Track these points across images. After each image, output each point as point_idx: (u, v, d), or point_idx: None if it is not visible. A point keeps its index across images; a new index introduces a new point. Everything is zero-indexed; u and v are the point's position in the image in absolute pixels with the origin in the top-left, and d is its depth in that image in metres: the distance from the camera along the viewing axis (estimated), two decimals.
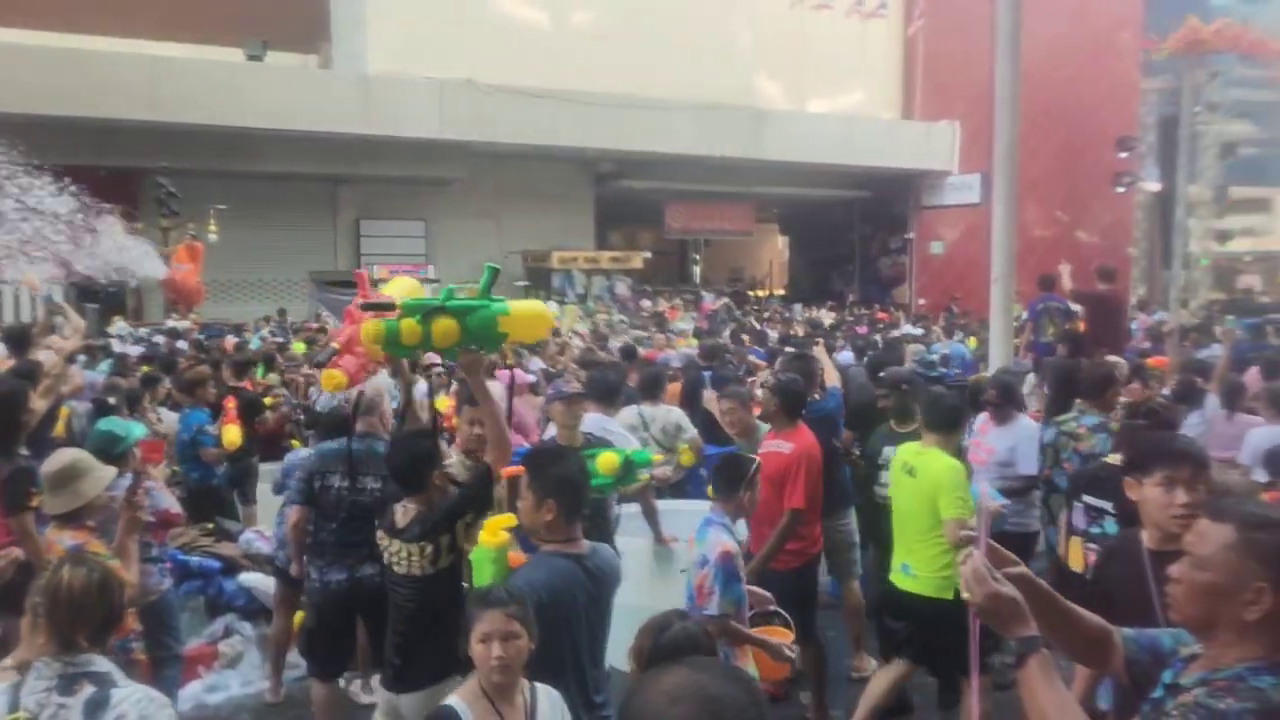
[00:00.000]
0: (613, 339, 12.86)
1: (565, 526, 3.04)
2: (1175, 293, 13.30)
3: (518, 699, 2.79)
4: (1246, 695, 1.72)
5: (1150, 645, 2.04)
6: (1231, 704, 1.72)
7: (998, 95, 6.95)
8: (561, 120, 19.94)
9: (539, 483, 3.05)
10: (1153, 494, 2.94)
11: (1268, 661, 1.76)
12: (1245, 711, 1.71)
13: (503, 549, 3.22)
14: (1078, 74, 24.90)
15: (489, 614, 2.74)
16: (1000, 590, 1.90)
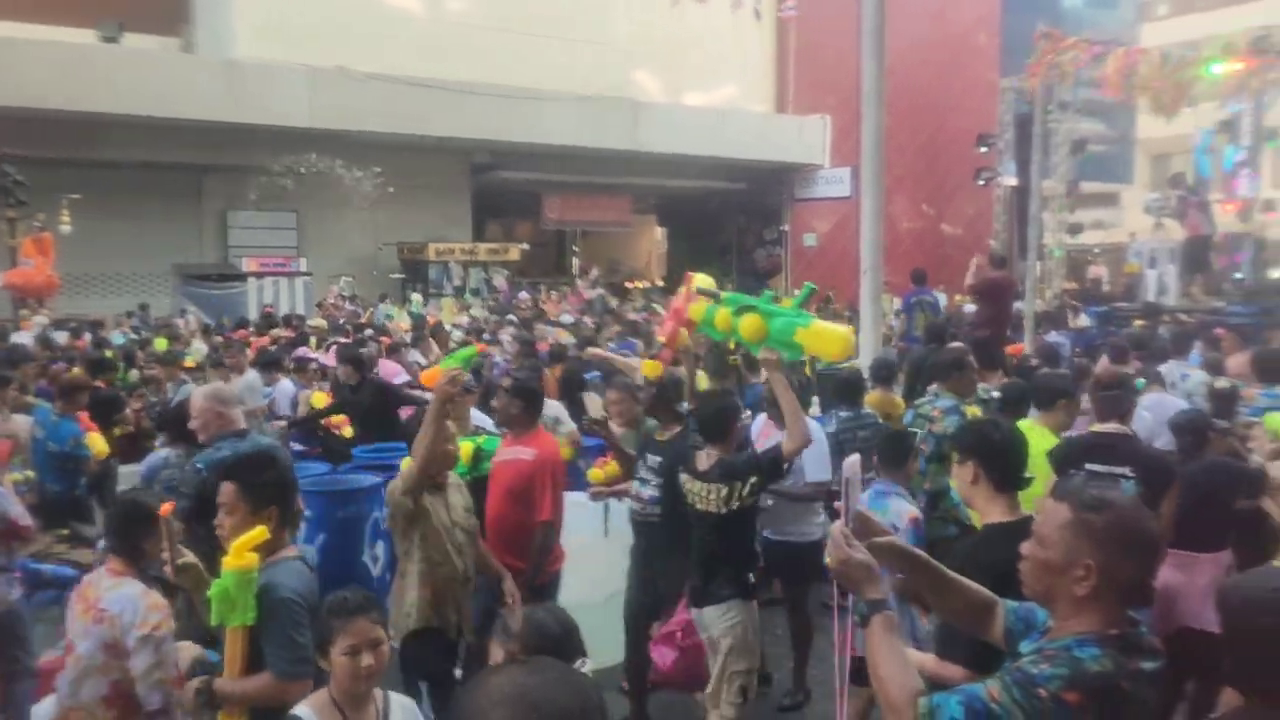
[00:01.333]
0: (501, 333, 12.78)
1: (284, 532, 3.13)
2: (1032, 282, 13.92)
3: (370, 708, 2.69)
4: (1062, 663, 1.84)
5: (1026, 617, 2.17)
6: (1045, 669, 1.85)
7: (864, 91, 7.16)
8: (437, 110, 19.64)
9: (253, 493, 3.08)
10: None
11: (1096, 635, 1.88)
12: (1055, 676, 1.83)
13: (250, 573, 2.91)
14: (940, 73, 25.84)
15: (356, 623, 2.65)
16: (853, 555, 2.03)
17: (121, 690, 3.24)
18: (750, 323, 3.81)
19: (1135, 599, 1.93)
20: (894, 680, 1.98)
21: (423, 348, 10.97)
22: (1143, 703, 1.86)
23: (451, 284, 22.11)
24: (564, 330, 13.02)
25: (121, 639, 3.20)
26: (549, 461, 4.71)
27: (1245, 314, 13.77)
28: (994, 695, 1.85)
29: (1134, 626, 1.93)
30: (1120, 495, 2.00)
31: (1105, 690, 1.82)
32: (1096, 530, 1.92)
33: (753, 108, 25.88)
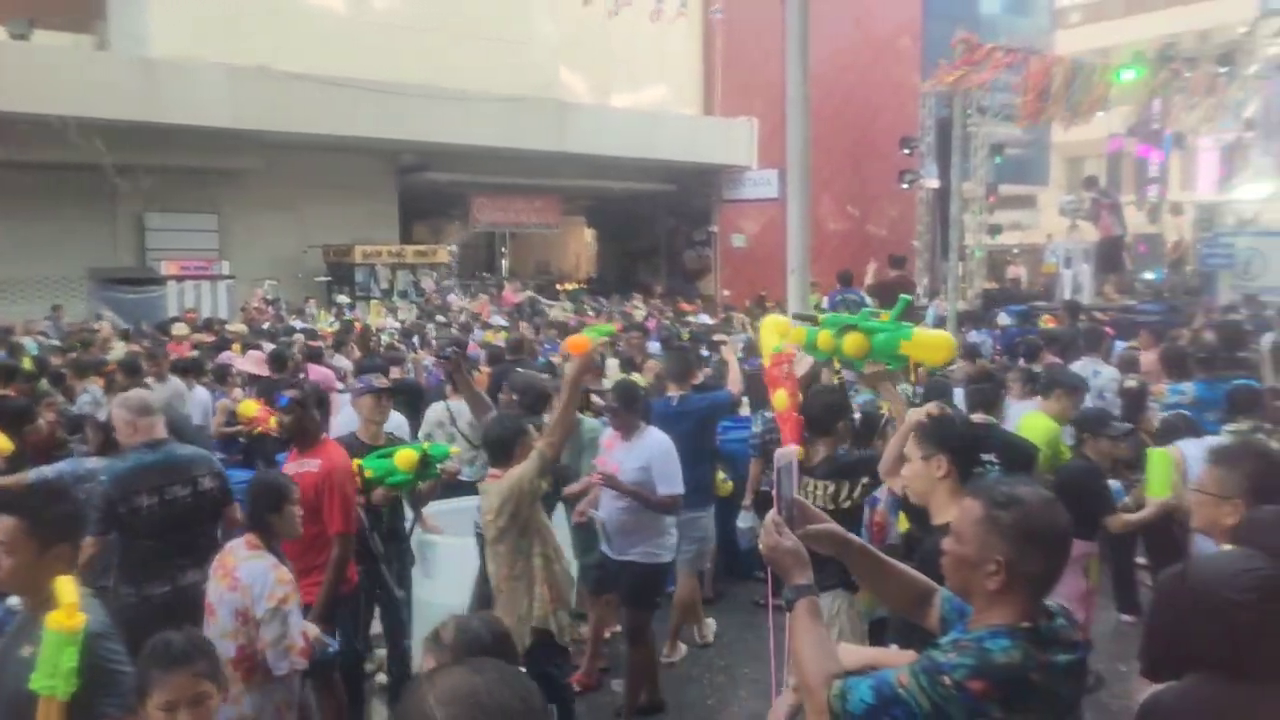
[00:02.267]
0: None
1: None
2: (953, 282, 14.23)
3: None
4: (970, 653, 1.90)
5: (961, 606, 2.23)
6: (952, 658, 1.91)
7: (788, 94, 7.23)
8: (362, 110, 19.35)
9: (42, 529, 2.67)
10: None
11: (1008, 627, 1.94)
12: (960, 665, 1.89)
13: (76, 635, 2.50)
14: (863, 76, 26.28)
15: (173, 678, 2.35)
16: (781, 543, 2.14)
17: (247, 654, 3.57)
18: (853, 341, 3.93)
19: (1046, 591, 2.00)
20: (812, 663, 2.04)
21: (345, 352, 10.82)
22: (1055, 694, 1.91)
23: (379, 286, 21.82)
24: (493, 333, 12.95)
25: (251, 608, 3.54)
26: (336, 472, 4.47)
27: (1155, 312, 14.30)
28: (903, 681, 1.91)
29: (1050, 619, 1.98)
30: (1031, 492, 2.04)
31: (1011, 681, 1.87)
32: (1005, 526, 1.98)
33: (680, 110, 26.02)
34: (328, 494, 4.42)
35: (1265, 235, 19.17)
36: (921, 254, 22.35)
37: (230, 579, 3.64)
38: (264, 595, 3.54)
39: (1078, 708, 2.12)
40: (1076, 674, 1.98)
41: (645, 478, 4.99)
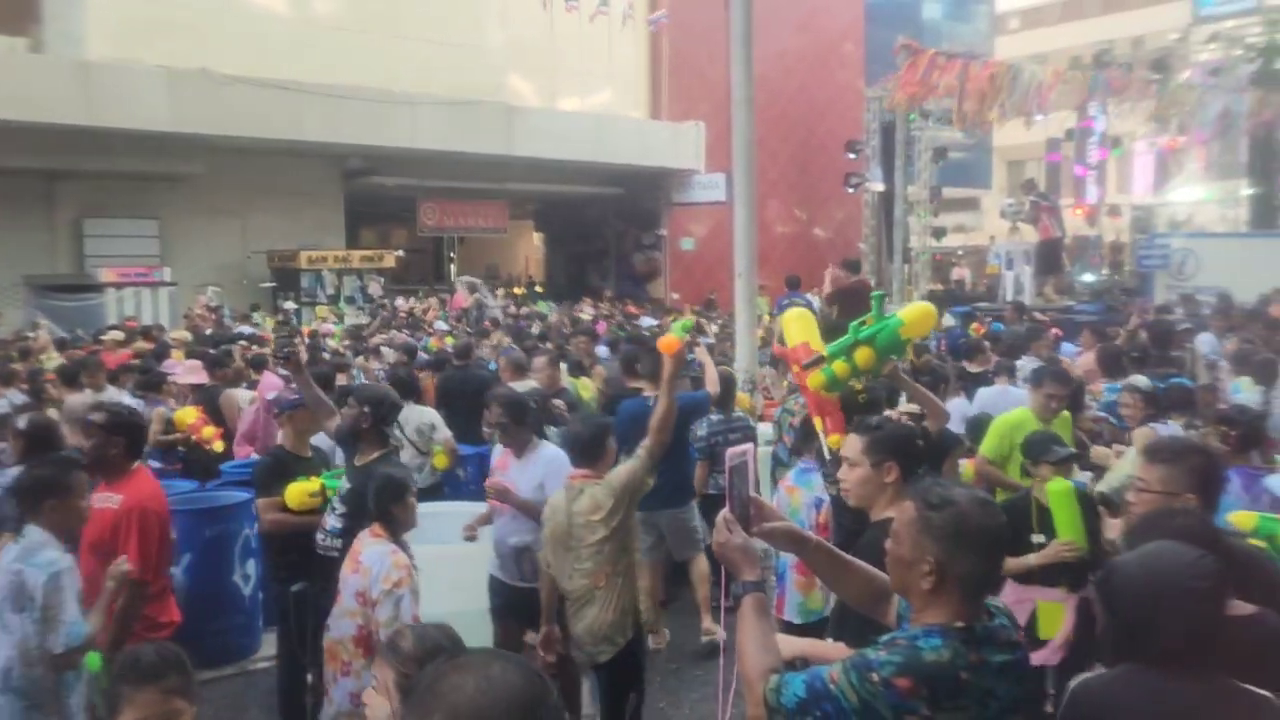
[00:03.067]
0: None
1: None
2: (899, 284, 14.43)
3: None
4: (900, 651, 1.94)
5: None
6: (882, 655, 1.95)
7: (734, 98, 7.34)
8: (307, 114, 19.14)
9: None
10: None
11: (941, 627, 1.97)
12: (889, 663, 1.92)
13: None
14: (808, 81, 26.57)
15: (143, 695, 2.28)
16: (732, 540, 2.21)
17: (364, 633, 3.85)
18: (863, 355, 4.22)
19: (982, 592, 2.03)
20: (752, 657, 2.10)
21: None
22: (989, 693, 1.93)
23: (325, 292, 21.58)
24: (439, 338, 12.88)
25: (369, 589, 3.79)
26: (138, 509, 3.99)
27: (1093, 312, 14.62)
28: (834, 677, 1.96)
29: (989, 619, 2.01)
30: (965, 494, 2.07)
31: (939, 679, 1.90)
32: (935, 527, 2.02)
33: (628, 113, 26.08)
34: (124, 533, 3.92)
35: (1198, 236, 19.73)
36: (868, 256, 22.60)
37: (354, 563, 3.92)
38: (380, 578, 3.78)
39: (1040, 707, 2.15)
40: (1015, 674, 1.99)
41: (541, 496, 4.63)
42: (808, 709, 1.96)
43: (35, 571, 3.40)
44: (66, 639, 3.39)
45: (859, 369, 4.28)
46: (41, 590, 3.38)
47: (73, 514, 3.63)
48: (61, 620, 3.40)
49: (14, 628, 3.41)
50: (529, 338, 12.17)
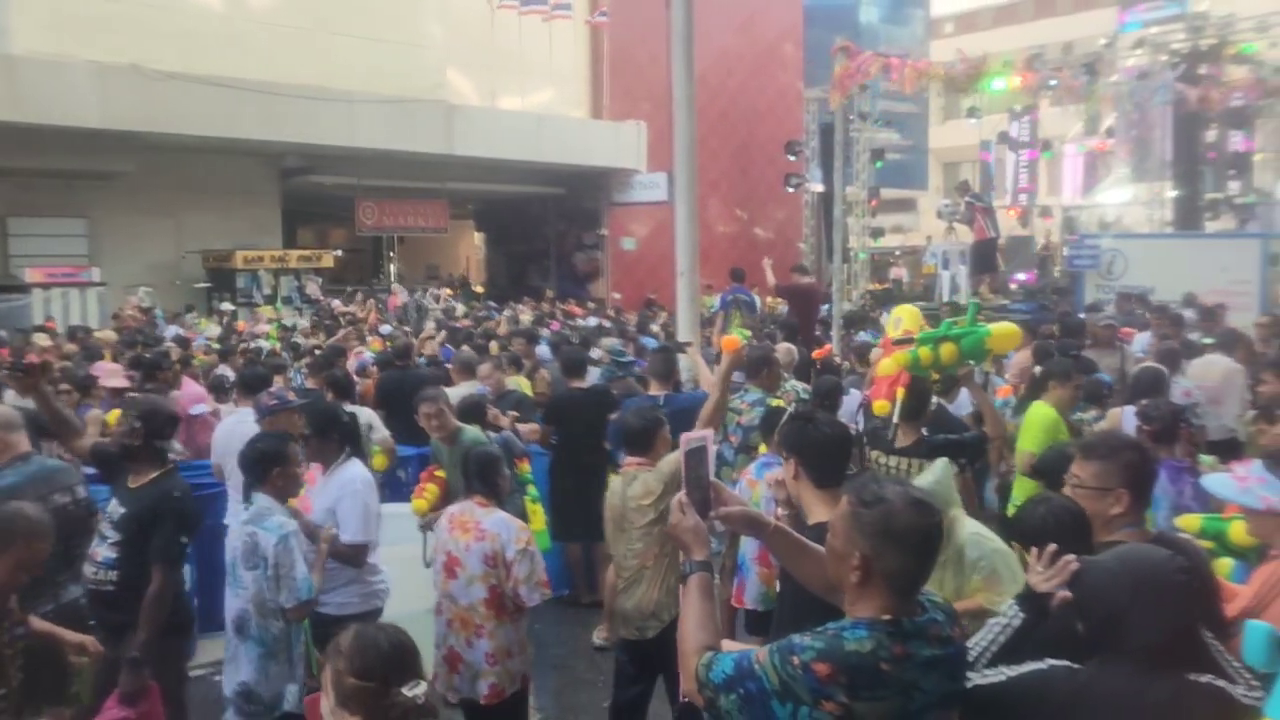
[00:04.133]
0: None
1: None
2: (839, 284, 14.60)
3: None
4: (824, 639, 2.00)
5: None
6: (806, 641, 2.01)
7: (675, 98, 7.37)
8: (243, 111, 18.77)
9: None
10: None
11: (868, 620, 2.03)
12: (810, 648, 1.99)
13: None
14: (748, 81, 26.75)
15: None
16: (684, 521, 2.31)
17: (497, 594, 4.23)
18: (948, 350, 4.57)
19: (912, 588, 2.08)
20: (691, 634, 2.19)
21: (232, 361, 10.50)
22: (912, 685, 1.99)
23: (261, 293, 21.22)
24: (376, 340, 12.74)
25: (502, 551, 4.17)
26: None
27: (1027, 311, 14.96)
28: (760, 658, 2.03)
29: (921, 614, 2.06)
30: (899, 492, 2.10)
31: (857, 668, 1.96)
32: (864, 524, 2.07)
33: (569, 113, 26.03)
34: None
35: (1126, 237, 20.26)
36: (808, 255, 22.88)
37: (476, 531, 4.27)
38: (512, 540, 4.19)
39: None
40: (945, 669, 2.05)
41: (331, 520, 4.44)
42: (733, 686, 2.03)
43: (267, 534, 3.85)
44: (295, 595, 3.85)
45: (940, 361, 4.61)
46: (273, 551, 3.83)
47: (293, 481, 4.19)
48: (291, 578, 3.84)
49: (247, 583, 3.88)
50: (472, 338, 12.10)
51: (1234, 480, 2.98)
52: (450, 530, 4.36)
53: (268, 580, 3.85)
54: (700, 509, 2.33)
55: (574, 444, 6.84)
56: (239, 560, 3.91)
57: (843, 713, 1.95)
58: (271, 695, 3.89)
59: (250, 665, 3.88)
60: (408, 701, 2.12)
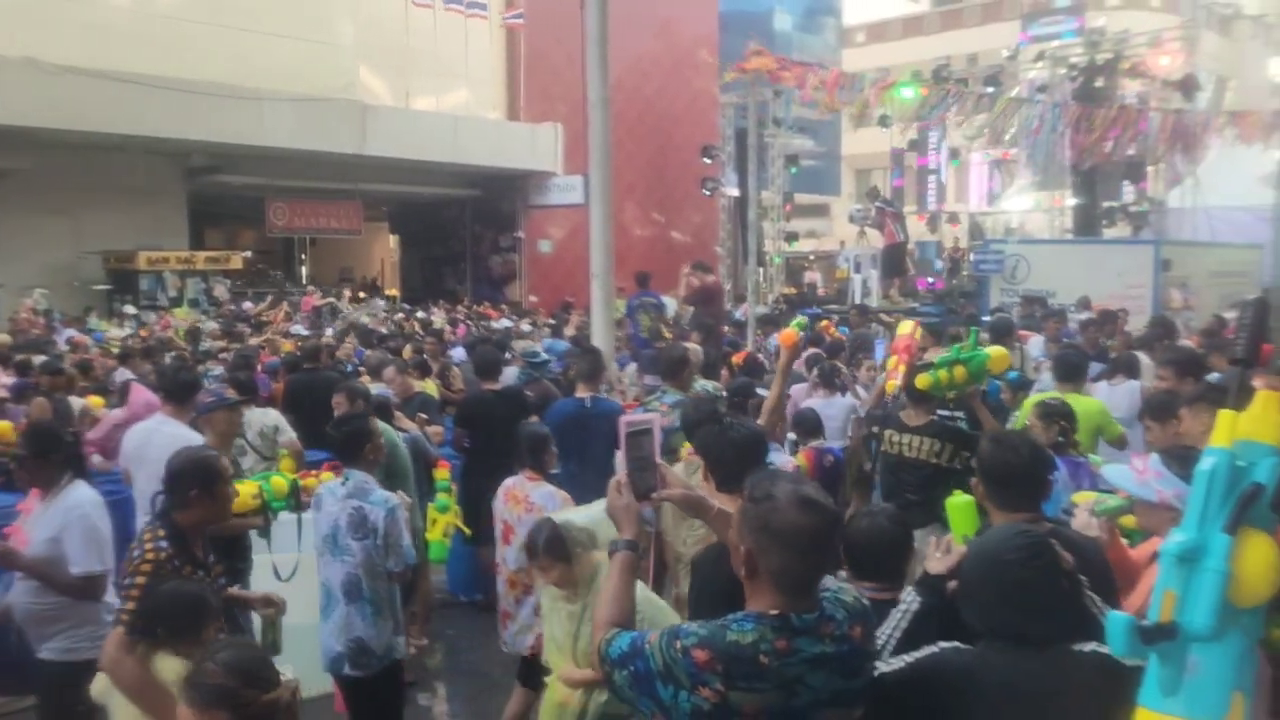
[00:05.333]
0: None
1: None
2: (754, 286, 14.81)
3: None
4: (710, 628, 2.04)
5: None
6: (693, 627, 2.07)
7: (589, 101, 7.41)
8: (146, 108, 18.21)
9: None
10: None
11: (757, 614, 2.06)
12: (694, 634, 2.04)
13: None
14: (664, 86, 26.93)
15: None
16: (618, 500, 2.42)
17: None
18: (959, 372, 5.24)
19: (799, 585, 2.07)
20: (605, 608, 2.28)
21: (132, 365, 10.19)
22: (795, 680, 2.00)
23: (166, 295, 20.61)
24: (287, 343, 12.51)
25: None
26: None
27: (935, 313, 15.38)
28: (651, 640, 2.09)
29: (818, 611, 2.06)
30: (787, 490, 2.09)
31: (735, 658, 1.99)
32: (750, 519, 2.10)
33: (484, 114, 25.86)
34: None
35: (1029, 243, 20.93)
36: (724, 259, 23.13)
37: (526, 504, 4.78)
38: (556, 510, 4.39)
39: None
40: (834, 667, 2.04)
41: (57, 551, 3.93)
42: (625, 663, 2.10)
43: (375, 508, 4.26)
44: (401, 560, 4.30)
45: (954, 381, 5.30)
46: (383, 522, 4.24)
47: (380, 453, 4.59)
48: (399, 545, 4.28)
49: (354, 551, 4.25)
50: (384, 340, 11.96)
51: (1133, 473, 3.12)
52: (505, 501, 4.92)
53: (377, 548, 4.25)
54: (644, 490, 2.42)
55: (487, 447, 6.79)
56: (343, 531, 4.29)
57: (719, 700, 1.98)
58: (383, 647, 4.33)
59: (364, 622, 4.28)
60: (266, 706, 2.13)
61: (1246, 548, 1.83)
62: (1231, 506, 1.83)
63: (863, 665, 2.12)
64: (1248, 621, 1.86)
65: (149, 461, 5.36)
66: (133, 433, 5.69)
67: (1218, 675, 1.83)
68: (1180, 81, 22.15)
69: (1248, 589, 1.82)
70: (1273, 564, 1.83)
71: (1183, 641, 1.84)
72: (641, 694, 2.07)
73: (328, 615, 4.33)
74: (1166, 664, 1.87)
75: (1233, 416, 1.92)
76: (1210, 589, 1.81)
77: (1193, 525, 1.87)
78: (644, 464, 2.43)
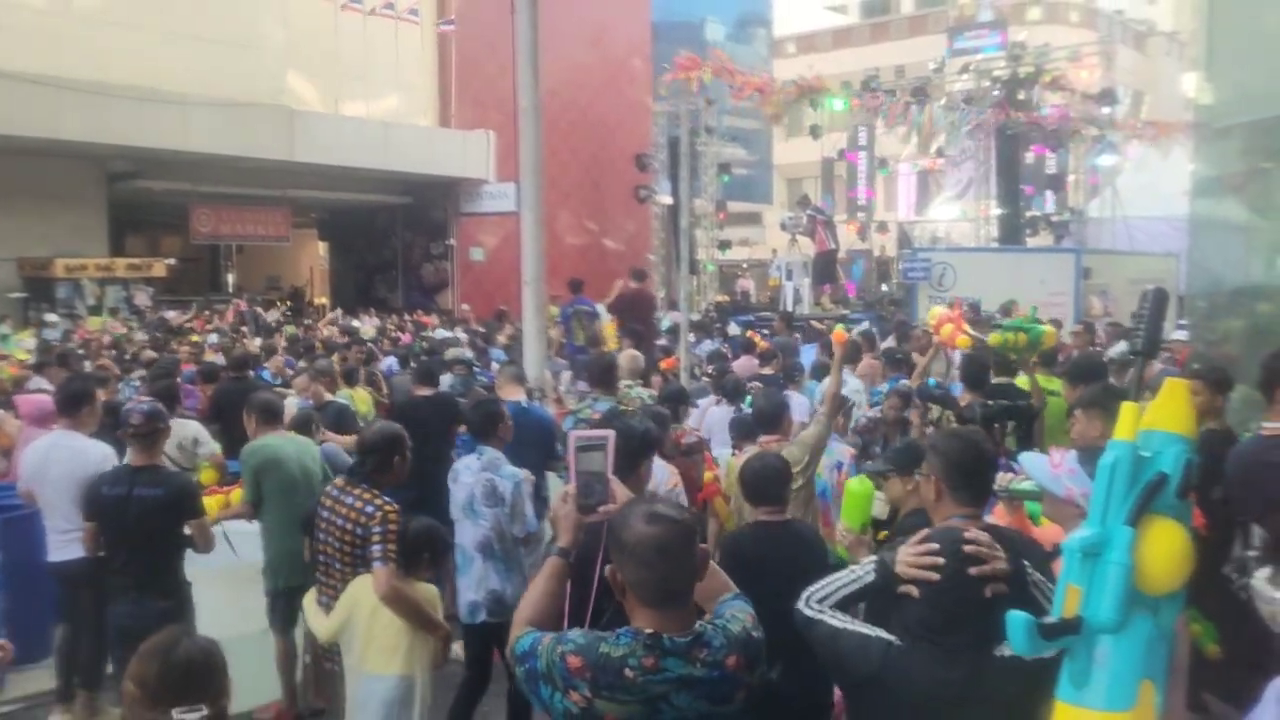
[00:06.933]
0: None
1: None
2: (687, 294, 14.86)
3: None
4: (589, 637, 2.18)
5: None
6: (573, 634, 2.21)
7: (520, 107, 7.37)
8: (65, 112, 17.70)
9: None
10: None
11: (634, 630, 2.13)
12: (574, 642, 2.17)
13: None
14: (598, 95, 26.97)
15: None
16: (561, 508, 2.53)
17: None
18: (1021, 338, 6.11)
19: (657, 600, 2.13)
20: (525, 607, 2.42)
21: (49, 374, 9.85)
22: (659, 697, 2.07)
23: (85, 303, 20.02)
24: (211, 350, 12.23)
25: (655, 491, 4.43)
26: None
27: (866, 320, 15.59)
28: (545, 641, 2.21)
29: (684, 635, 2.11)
30: (640, 507, 2.20)
31: (602, 668, 2.08)
32: (610, 540, 2.22)
33: (416, 121, 25.62)
34: None
35: (954, 251, 21.34)
36: (658, 267, 23.19)
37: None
38: (664, 483, 4.81)
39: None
40: (701, 691, 2.10)
41: None
42: (523, 660, 2.21)
43: (504, 480, 4.82)
44: (525, 527, 4.83)
45: (1017, 345, 6.13)
46: (510, 493, 4.80)
47: (508, 433, 5.08)
48: (523, 514, 4.83)
49: (486, 517, 4.80)
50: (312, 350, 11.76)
51: (1048, 465, 3.17)
52: None
53: (505, 515, 4.79)
54: (592, 504, 2.49)
55: (420, 452, 6.68)
56: (478, 499, 4.83)
57: (586, 705, 2.09)
58: (514, 598, 4.55)
59: (498, 577, 4.81)
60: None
61: (1154, 537, 1.85)
62: (1134, 499, 1.86)
63: (733, 693, 2.16)
64: (1163, 609, 1.89)
65: (51, 480, 5.18)
66: (31, 451, 5.46)
67: (1126, 665, 1.86)
68: (1098, 95, 22.84)
69: (1156, 578, 1.85)
70: (1180, 552, 1.87)
71: (1088, 634, 1.87)
72: (531, 690, 2.20)
73: (464, 572, 4.90)
74: (1075, 658, 1.90)
75: (1136, 409, 1.95)
76: (1113, 581, 1.84)
77: (1095, 519, 1.89)
78: (594, 478, 2.50)
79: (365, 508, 4.07)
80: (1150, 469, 1.89)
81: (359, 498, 4.12)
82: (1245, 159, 7.29)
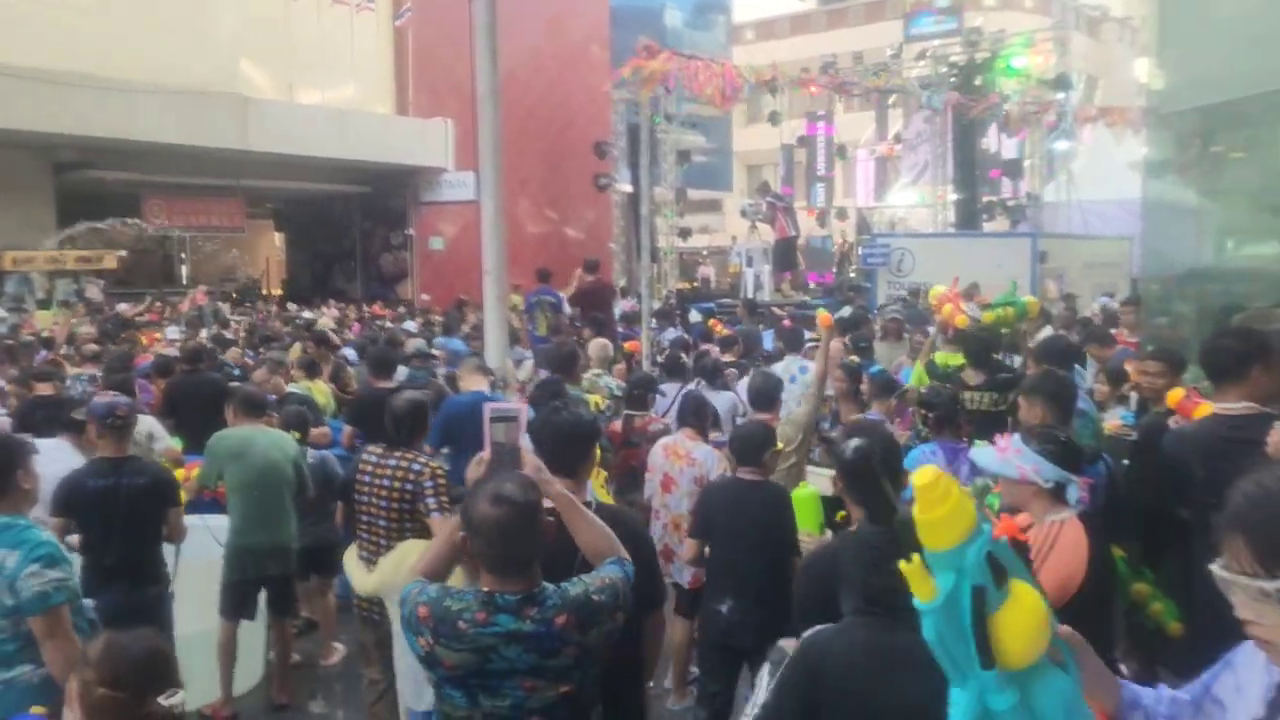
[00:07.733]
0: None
1: None
2: (648, 281, 14.83)
3: None
4: (443, 591, 2.54)
5: None
6: (431, 588, 2.54)
7: (479, 95, 7.28)
8: (10, 100, 17.27)
9: None
10: None
11: (475, 588, 2.54)
12: (427, 594, 2.51)
13: None
14: (556, 82, 26.80)
15: None
16: (473, 475, 2.77)
17: None
18: (1008, 312, 6.82)
19: (498, 568, 2.46)
20: (421, 561, 2.70)
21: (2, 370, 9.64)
22: (490, 648, 2.39)
23: (34, 296, 19.61)
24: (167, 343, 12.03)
25: (707, 475, 5.34)
26: None
27: (826, 305, 15.65)
28: (414, 591, 2.52)
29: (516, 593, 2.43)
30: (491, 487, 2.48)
31: (441, 619, 2.42)
32: (462, 511, 2.53)
33: (373, 109, 25.32)
34: None
35: (913, 237, 21.52)
36: (618, 255, 23.15)
37: (688, 458, 5.50)
38: (715, 466, 5.34)
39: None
40: (529, 645, 2.40)
41: None
42: (404, 605, 2.50)
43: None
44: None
45: (1007, 318, 6.78)
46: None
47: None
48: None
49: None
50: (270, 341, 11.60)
51: (995, 452, 3.22)
52: (665, 456, 5.60)
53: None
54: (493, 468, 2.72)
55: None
56: None
57: (429, 649, 2.42)
58: None
59: None
60: (164, 711, 2.07)
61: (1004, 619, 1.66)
62: (971, 639, 1.64)
63: (560, 648, 2.42)
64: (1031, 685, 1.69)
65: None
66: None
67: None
68: (1053, 81, 23.08)
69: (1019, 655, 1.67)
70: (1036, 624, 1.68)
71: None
72: (406, 634, 2.51)
73: None
74: None
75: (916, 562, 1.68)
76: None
77: (959, 681, 1.69)
78: (506, 448, 2.73)
79: (412, 465, 4.47)
80: (962, 595, 1.64)
81: (401, 459, 4.49)
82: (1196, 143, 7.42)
